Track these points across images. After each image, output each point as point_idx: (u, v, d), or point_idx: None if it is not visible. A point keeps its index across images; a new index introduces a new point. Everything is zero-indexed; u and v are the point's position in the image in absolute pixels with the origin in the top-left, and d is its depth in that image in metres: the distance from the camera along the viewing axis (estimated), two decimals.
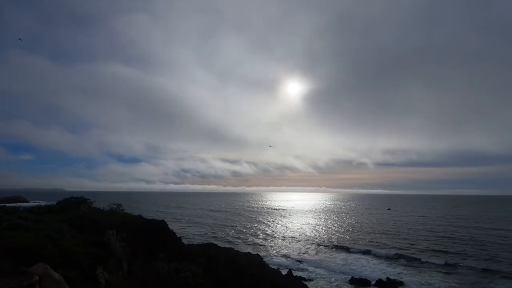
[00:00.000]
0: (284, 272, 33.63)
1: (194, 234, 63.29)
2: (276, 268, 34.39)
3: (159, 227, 28.60)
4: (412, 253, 45.72)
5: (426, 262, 40.54)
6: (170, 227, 27.22)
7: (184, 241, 34.09)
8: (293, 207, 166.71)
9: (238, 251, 32.62)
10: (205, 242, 40.43)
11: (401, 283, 32.41)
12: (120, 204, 29.24)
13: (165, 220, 27.38)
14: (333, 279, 34.16)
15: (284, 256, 45.64)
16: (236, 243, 54.26)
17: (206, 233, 65.67)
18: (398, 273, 35.72)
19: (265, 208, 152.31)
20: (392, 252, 47.05)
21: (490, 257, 42.05)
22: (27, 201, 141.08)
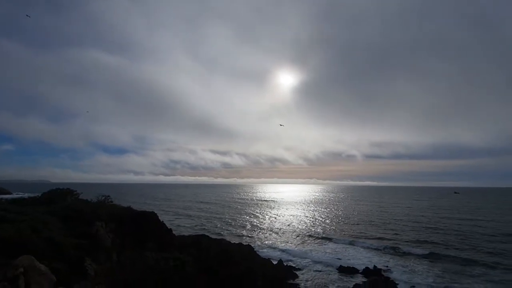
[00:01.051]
0: (274, 261, 34.06)
1: (184, 226, 63.18)
2: (266, 258, 34.80)
3: (150, 218, 28.39)
4: (398, 243, 46.93)
5: (412, 251, 41.66)
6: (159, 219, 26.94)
7: (175, 233, 34.02)
8: (284, 199, 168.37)
9: (230, 241, 32.79)
10: (196, 234, 40.42)
11: (388, 271, 33.33)
12: (108, 196, 28.79)
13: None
14: (322, 268, 34.77)
15: (275, 246, 46.14)
16: (227, 234, 54.45)
17: (196, 225, 65.63)
18: (385, 262, 36.68)
19: (256, 200, 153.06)
20: (379, 242, 48.20)
21: (471, 247, 43.55)
22: (10, 193, 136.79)
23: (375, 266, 34.63)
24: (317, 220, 75.46)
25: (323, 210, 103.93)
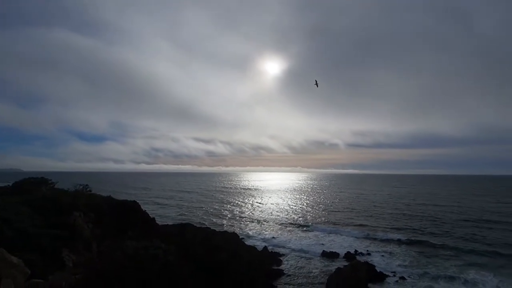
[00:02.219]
0: (259, 248, 34.39)
1: (168, 216, 62.53)
2: (251, 245, 35.05)
3: (131, 208, 27.70)
4: (378, 229, 48.60)
5: (390, 236, 43.24)
6: None
7: (160, 222, 33.50)
8: (268, 187, 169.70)
9: (215, 230, 32.68)
10: (181, 222, 40.01)
11: (368, 255, 34.49)
12: (86, 185, 27.71)
13: None
14: (305, 254, 35.47)
15: (259, 234, 46.57)
16: (211, 223, 54.40)
17: (180, 214, 65.12)
18: (366, 247, 37.90)
19: (240, 189, 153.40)
20: (360, 228, 49.69)
21: (445, 232, 45.70)
22: None
23: (356, 251, 35.84)
24: (300, 208, 76.73)
25: (306, 198, 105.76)
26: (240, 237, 35.91)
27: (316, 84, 30.56)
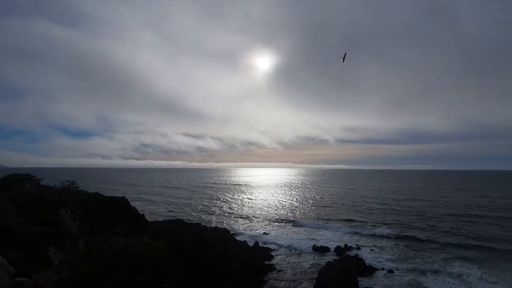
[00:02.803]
0: (251, 244, 34.45)
1: (158, 212, 61.95)
2: (243, 241, 35.08)
3: (121, 204, 27.25)
4: (367, 224, 49.39)
5: (379, 231, 44.01)
6: None
7: (150, 219, 33.07)
8: (259, 183, 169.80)
9: (205, 226, 32.52)
10: (171, 219, 39.70)
11: (358, 249, 35.01)
12: (73, 181, 27.07)
13: None
14: (296, 248, 35.73)
15: (251, 229, 46.67)
16: (202, 219, 54.18)
17: (170, 211, 64.60)
18: (355, 241, 38.45)
19: (231, 185, 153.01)
20: (350, 223, 50.42)
21: (431, 226, 46.70)
22: None
23: (346, 245, 36.33)
24: (291, 204, 77.19)
25: (297, 193, 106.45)
26: (231, 233, 35.84)
27: (344, 57, 29.47)
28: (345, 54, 29.57)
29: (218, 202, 79.98)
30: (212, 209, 66.48)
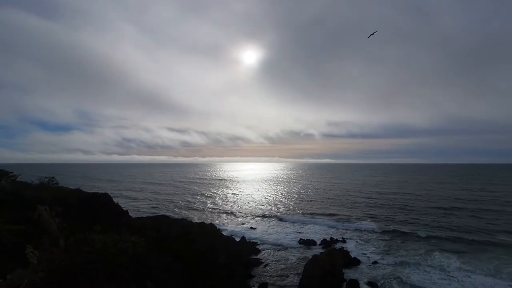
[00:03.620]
0: (237, 239, 34.41)
1: (142, 208, 60.91)
2: (230, 236, 34.97)
3: (102, 200, 26.47)
4: (352, 218, 50.30)
5: (364, 224, 45.00)
6: None
7: (134, 215, 32.33)
8: (245, 178, 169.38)
9: (191, 221, 32.14)
10: (156, 215, 39.03)
11: (343, 242, 35.61)
12: (53, 177, 26.02)
13: None
14: (283, 242, 35.96)
15: (237, 225, 46.62)
16: (187, 215, 53.67)
17: (154, 207, 63.64)
18: (341, 234, 39.08)
19: (217, 180, 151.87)
20: (336, 216, 51.22)
21: (414, 219, 48.04)
22: None
23: (332, 238, 36.90)
24: (277, 198, 77.62)
25: (283, 188, 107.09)
26: (218, 228, 35.65)
27: (372, 34, 29.41)
28: (374, 32, 30.02)
29: (203, 197, 79.20)
30: (197, 205, 65.64)
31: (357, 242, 35.78)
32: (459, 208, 57.15)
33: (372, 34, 30.40)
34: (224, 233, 36.83)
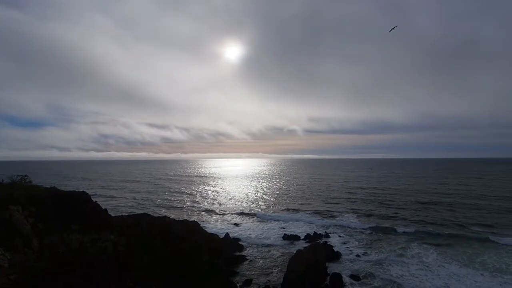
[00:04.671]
0: (221, 236, 34.15)
1: (123, 206, 59.34)
2: (213, 233, 34.64)
3: (80, 199, 25.41)
4: (335, 213, 51.27)
5: (347, 219, 46.02)
6: None
7: (115, 214, 31.30)
8: (229, 174, 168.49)
9: (174, 219, 31.51)
10: (137, 213, 38.07)
11: (327, 236, 36.19)
12: (25, 175, 24.65)
13: None
14: (267, 238, 36.10)
15: (221, 221, 46.34)
16: (169, 213, 52.79)
17: (135, 205, 62.16)
18: (324, 229, 39.68)
19: (199, 177, 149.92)
20: (319, 212, 52.00)
21: (394, 213, 49.56)
22: None
23: (315, 233, 37.37)
24: (261, 194, 77.84)
25: (267, 184, 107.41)
26: (201, 225, 35.25)
27: (393, 28, 30.07)
28: (395, 27, 31.06)
29: (185, 195, 77.65)
30: (178, 203, 64.17)
31: (340, 236, 36.48)
32: (436, 202, 59.52)
33: (393, 28, 31.45)
34: (207, 230, 36.46)
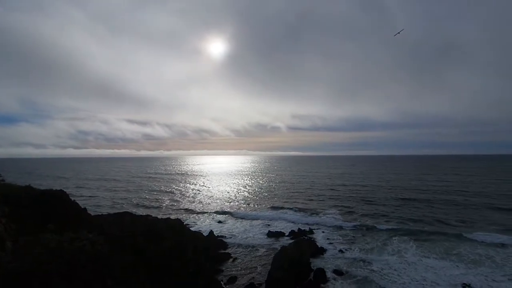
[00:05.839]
0: (205, 234, 33.86)
1: (103, 205, 57.64)
2: (197, 230, 34.30)
3: (57, 198, 24.38)
4: (319, 209, 52.05)
5: (330, 215, 46.80)
6: None
7: (96, 213, 30.29)
8: (212, 171, 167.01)
9: (157, 217, 30.89)
10: (118, 212, 37.04)
11: (311, 232, 36.66)
12: None
13: None
14: (252, 235, 36.15)
15: (205, 219, 45.97)
16: (151, 211, 51.83)
17: (115, 204, 60.57)
18: (308, 226, 40.18)
19: (181, 174, 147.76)
20: (303, 209, 52.62)
21: (375, 209, 50.99)
22: None
23: (299, 229, 37.76)
24: (245, 191, 77.82)
25: (251, 181, 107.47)
26: (185, 223, 34.84)
27: (399, 32, 30.54)
28: (401, 31, 32.10)
29: (166, 194, 75.97)
30: (160, 202, 62.41)
31: (323, 232, 37.04)
32: (415, 198, 61.57)
33: (399, 32, 32.30)
34: (191, 228, 36.10)
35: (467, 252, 29.11)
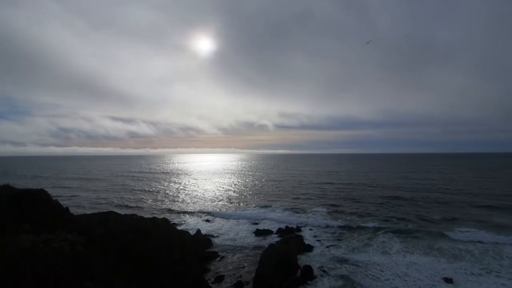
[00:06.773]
0: (192, 232, 33.51)
1: (85, 205, 56.11)
2: (184, 229, 33.90)
3: (38, 197, 23.49)
4: (306, 207, 52.50)
5: (318, 213, 47.30)
6: None
7: (78, 213, 29.37)
8: (199, 170, 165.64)
9: (142, 216, 30.29)
10: (102, 211, 36.07)
11: (298, 230, 36.92)
12: None
13: None
14: (239, 233, 36.05)
15: (192, 218, 45.52)
16: (137, 210, 50.87)
17: (99, 203, 59.11)
18: (296, 223, 40.43)
19: (166, 173, 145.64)
20: (291, 207, 52.94)
21: (362, 207, 51.98)
22: None
23: (287, 227, 37.95)
24: (233, 190, 77.57)
25: (238, 180, 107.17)
26: (171, 222, 34.36)
27: (368, 42, 32.84)
28: (370, 41, 34.74)
29: (151, 193, 74.64)
30: (144, 202, 60.96)
31: (311, 230, 37.37)
32: (399, 196, 63.06)
33: (368, 42, 34.95)
34: (178, 227, 35.67)
35: (448, 247, 30.06)
